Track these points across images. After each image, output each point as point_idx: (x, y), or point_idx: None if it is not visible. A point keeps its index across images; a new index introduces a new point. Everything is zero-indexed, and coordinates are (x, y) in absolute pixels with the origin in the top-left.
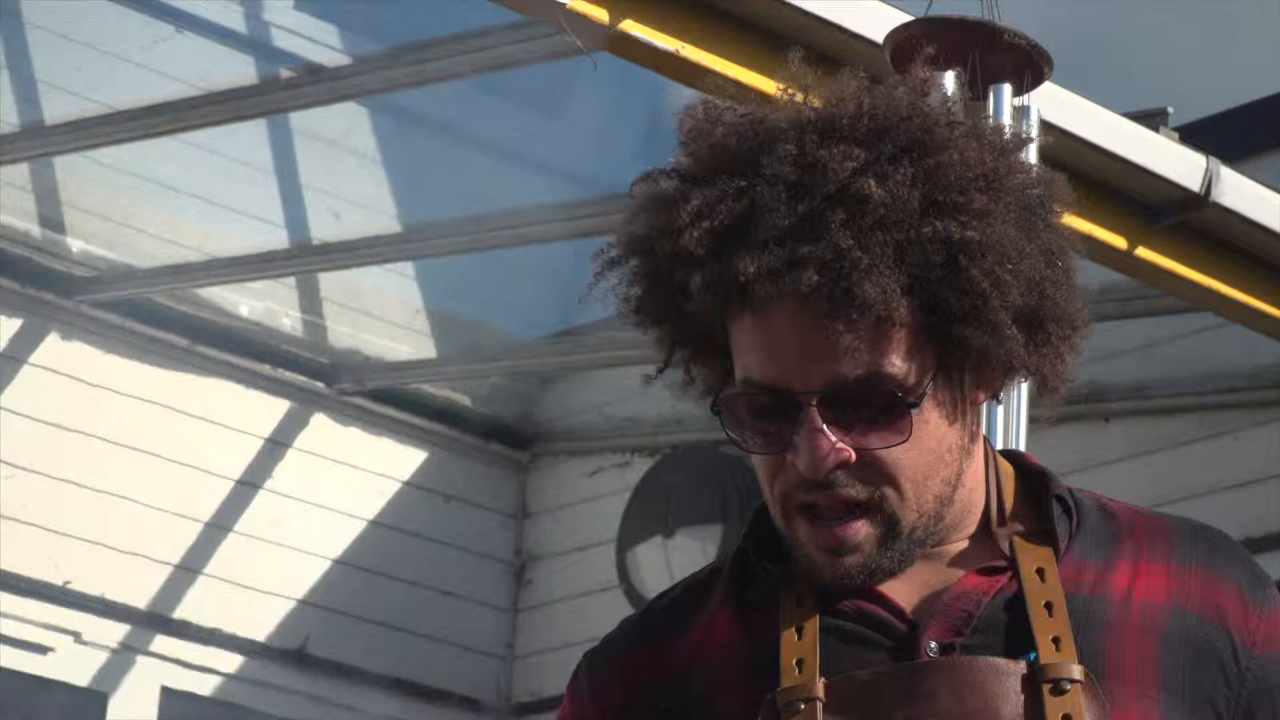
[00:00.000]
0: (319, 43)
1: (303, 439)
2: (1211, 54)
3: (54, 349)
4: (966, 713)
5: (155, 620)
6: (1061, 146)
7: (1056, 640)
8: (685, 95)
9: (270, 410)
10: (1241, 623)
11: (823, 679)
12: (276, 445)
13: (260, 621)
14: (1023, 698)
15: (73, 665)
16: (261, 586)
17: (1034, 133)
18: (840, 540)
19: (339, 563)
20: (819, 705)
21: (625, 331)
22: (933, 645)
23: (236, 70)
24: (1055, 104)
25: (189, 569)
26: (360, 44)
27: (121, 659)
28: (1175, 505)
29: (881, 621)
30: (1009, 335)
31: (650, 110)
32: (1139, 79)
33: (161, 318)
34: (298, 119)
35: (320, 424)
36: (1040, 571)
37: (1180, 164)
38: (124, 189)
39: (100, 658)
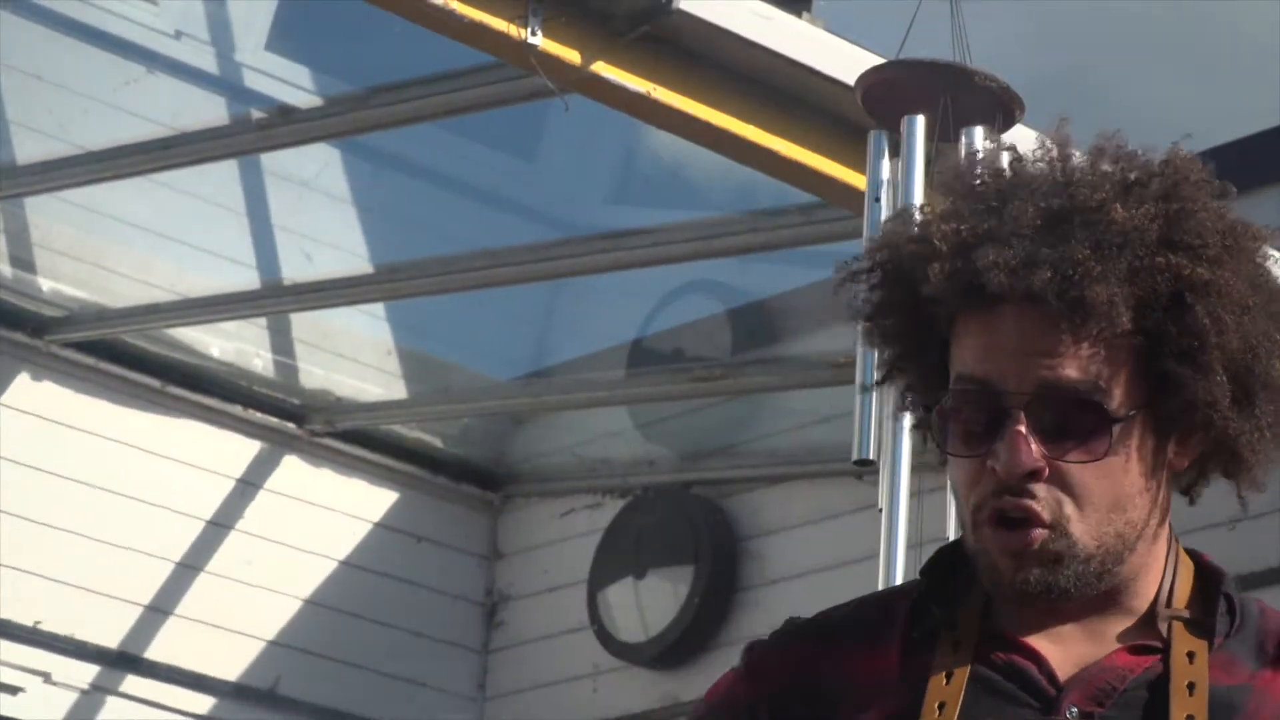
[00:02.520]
0: (290, 84)
1: (274, 480)
2: (1185, 96)
3: (24, 389)
4: None
5: (126, 660)
6: None
7: (1190, 718)
8: (657, 137)
9: (241, 451)
10: None
11: None
12: (247, 486)
13: (231, 662)
14: None
15: (43, 706)
16: (232, 627)
17: None
18: (1024, 544)
19: (310, 603)
20: None
21: (597, 373)
22: (1073, 710)
23: (208, 111)
24: (1027, 146)
25: (160, 609)
26: (332, 85)
27: (92, 699)
28: None
29: (1029, 680)
30: (1218, 382)
31: (622, 152)
32: (1109, 122)
33: (132, 358)
34: (269, 159)
35: (291, 465)
36: (1190, 655)
37: None
38: (95, 229)
39: (70, 698)
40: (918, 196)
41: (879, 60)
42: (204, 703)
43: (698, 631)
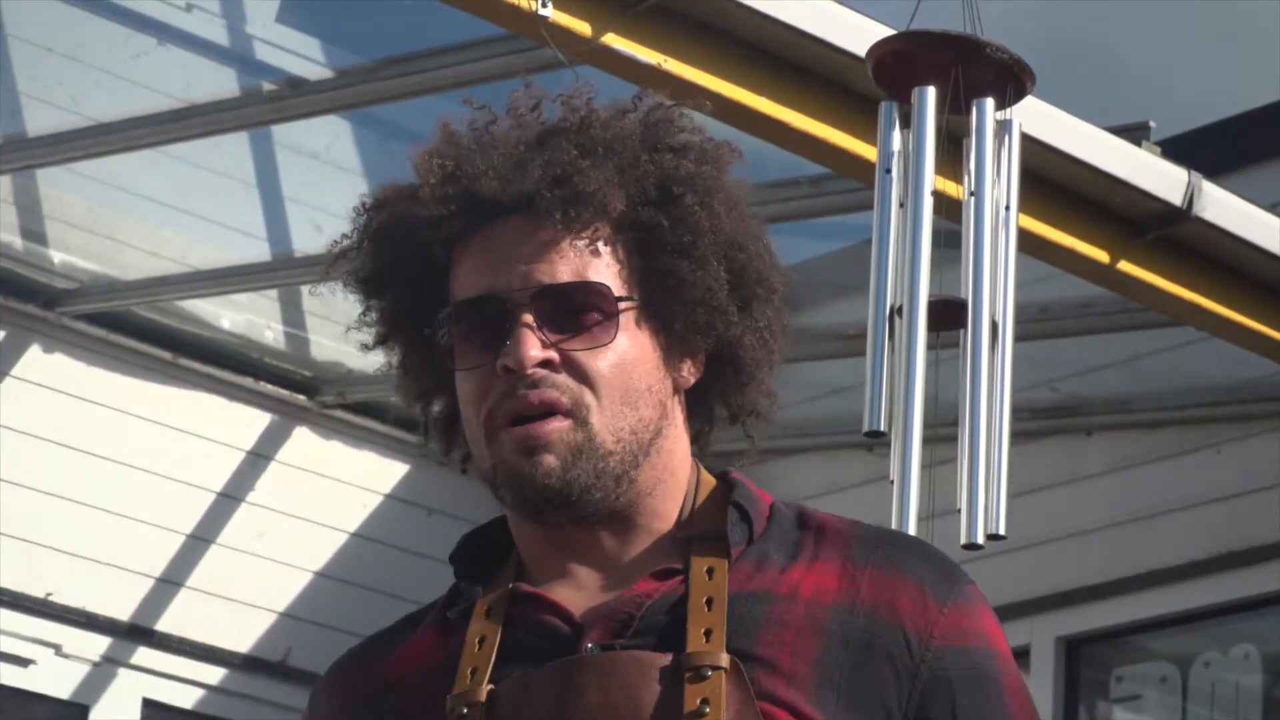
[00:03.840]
0: (301, 56)
1: (285, 451)
2: (1195, 68)
3: (35, 361)
4: (612, 704)
5: (137, 632)
6: (1044, 160)
7: (708, 632)
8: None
9: (252, 423)
10: (918, 616)
11: (490, 685)
12: (258, 458)
13: (242, 634)
14: (663, 687)
15: (54, 678)
16: (243, 599)
17: (1016, 146)
18: (536, 435)
19: (321, 575)
20: (480, 708)
21: None
22: (589, 647)
23: (219, 83)
24: (1038, 118)
25: (170, 581)
26: (342, 57)
27: (103, 671)
28: (1157, 519)
29: (551, 629)
30: (715, 273)
31: None
32: (1122, 93)
33: (143, 330)
34: (280, 132)
35: (302, 436)
36: (710, 571)
37: (1162, 178)
38: (106, 201)
39: (82, 670)
40: (929, 167)
41: (890, 31)
42: (215, 674)
43: None
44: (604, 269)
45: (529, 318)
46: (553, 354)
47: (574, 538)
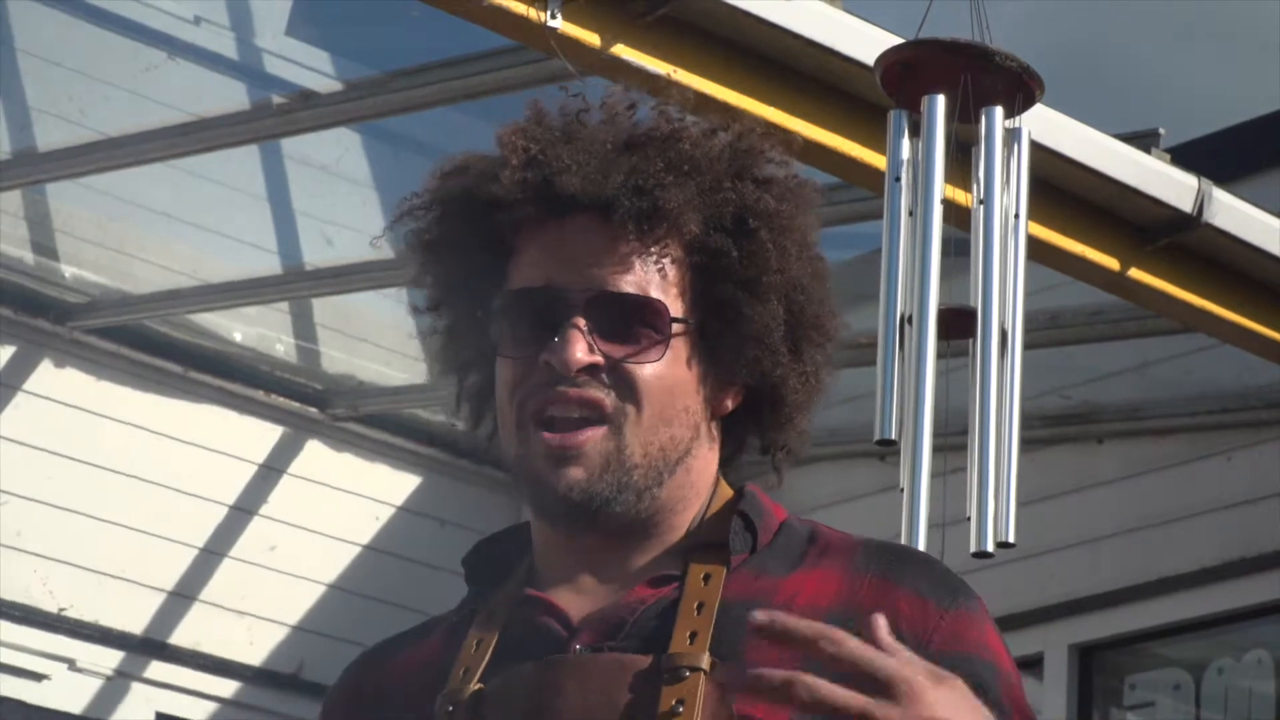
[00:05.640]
0: (311, 69)
1: (297, 464)
2: (1204, 75)
3: (47, 375)
4: (589, 704)
5: (150, 646)
6: (1053, 168)
7: (693, 635)
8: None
9: (264, 436)
10: (918, 622)
11: (479, 684)
12: (270, 471)
13: (255, 647)
14: (640, 688)
15: (68, 692)
16: (256, 612)
17: (1025, 154)
18: (569, 445)
19: (334, 588)
20: (465, 706)
21: None
22: (577, 649)
23: (229, 96)
24: (1047, 126)
25: (183, 595)
26: (352, 69)
27: (116, 685)
28: (1168, 526)
29: (545, 631)
30: (773, 311)
31: None
32: (1131, 100)
33: (155, 344)
34: (290, 145)
35: (314, 449)
36: (706, 577)
37: (1172, 185)
38: (117, 215)
39: (95, 684)
40: (938, 176)
41: (898, 40)
42: (228, 688)
43: None
44: (665, 287)
45: (581, 320)
46: (598, 359)
47: (588, 544)
